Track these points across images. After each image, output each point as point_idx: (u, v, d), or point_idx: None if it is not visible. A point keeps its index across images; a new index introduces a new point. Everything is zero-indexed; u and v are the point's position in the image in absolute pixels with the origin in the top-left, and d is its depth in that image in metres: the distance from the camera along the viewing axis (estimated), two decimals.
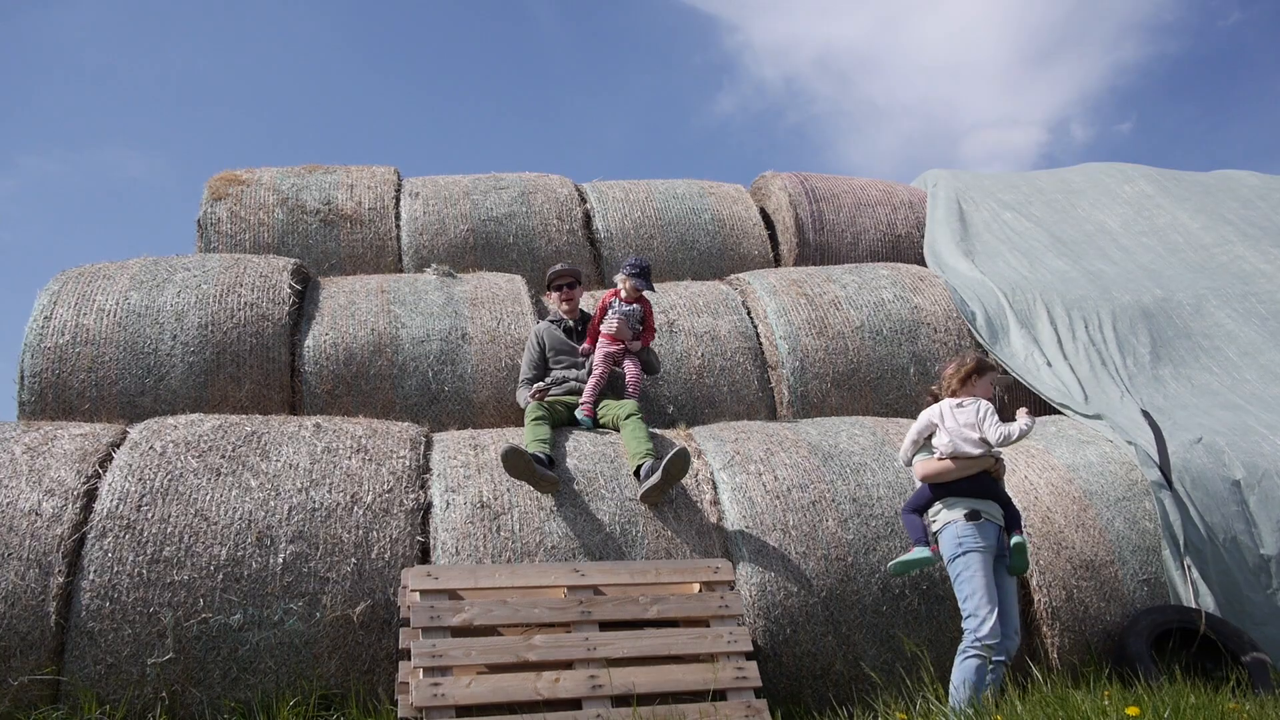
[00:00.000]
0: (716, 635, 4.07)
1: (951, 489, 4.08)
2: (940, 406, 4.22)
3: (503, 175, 8.09)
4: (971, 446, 4.08)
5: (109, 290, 5.82)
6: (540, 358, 5.53)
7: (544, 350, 5.55)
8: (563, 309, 5.67)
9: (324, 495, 4.36)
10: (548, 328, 5.64)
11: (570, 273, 5.73)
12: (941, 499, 4.10)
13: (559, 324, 5.67)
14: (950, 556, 3.99)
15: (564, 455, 4.77)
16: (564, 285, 5.67)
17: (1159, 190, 9.00)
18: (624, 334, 5.35)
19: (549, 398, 5.16)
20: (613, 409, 5.13)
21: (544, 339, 5.57)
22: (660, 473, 4.43)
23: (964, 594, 3.91)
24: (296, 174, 7.74)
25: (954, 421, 4.14)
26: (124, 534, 4.08)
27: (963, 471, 4.08)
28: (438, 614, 3.90)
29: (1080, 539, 4.86)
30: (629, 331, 5.37)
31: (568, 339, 5.57)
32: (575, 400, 5.24)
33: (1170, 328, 6.85)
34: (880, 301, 6.61)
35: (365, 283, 6.39)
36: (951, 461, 4.09)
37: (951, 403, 4.20)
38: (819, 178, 8.68)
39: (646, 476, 4.52)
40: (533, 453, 4.49)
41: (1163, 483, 5.05)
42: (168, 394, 5.50)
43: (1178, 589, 4.83)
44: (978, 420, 4.11)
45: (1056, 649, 4.63)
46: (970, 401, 4.19)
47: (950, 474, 4.09)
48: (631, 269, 5.47)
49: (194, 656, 3.96)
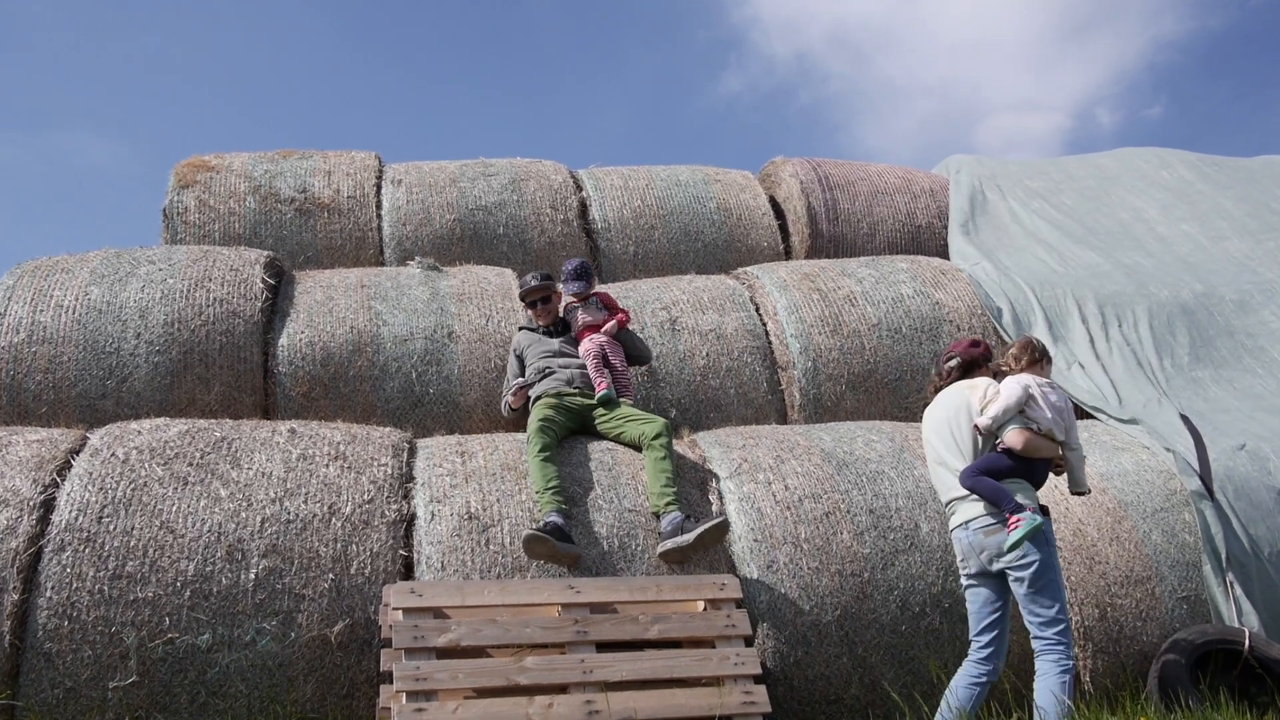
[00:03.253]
0: (723, 657, 4.07)
1: (1028, 474, 4.06)
2: (1031, 381, 4.15)
3: (492, 161, 8.09)
4: (1060, 433, 4.11)
5: (68, 285, 5.82)
6: (521, 370, 5.50)
7: (523, 360, 5.50)
8: (540, 322, 5.63)
9: (299, 506, 4.36)
10: (525, 334, 5.62)
11: (542, 289, 5.59)
12: (1016, 480, 4.03)
13: (536, 330, 5.64)
14: (1027, 552, 3.86)
15: (560, 463, 4.76)
16: (536, 302, 5.61)
17: (1199, 176, 9.00)
18: (595, 317, 5.47)
19: (543, 398, 5.11)
20: (633, 425, 4.97)
21: (522, 349, 5.54)
22: (693, 538, 4.37)
23: (1052, 596, 3.86)
24: (270, 160, 7.75)
25: (1047, 402, 4.12)
26: (84, 548, 4.08)
27: (1050, 453, 4.12)
28: (422, 634, 3.90)
29: (1115, 553, 4.87)
30: (599, 314, 5.49)
31: (547, 337, 5.52)
32: (572, 403, 5.14)
33: (1211, 326, 6.86)
34: (899, 297, 6.61)
35: (344, 277, 6.39)
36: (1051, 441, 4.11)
37: (1041, 381, 4.18)
38: (833, 163, 8.69)
39: (671, 533, 4.43)
40: (551, 522, 4.36)
41: (1203, 492, 5.06)
42: (131, 397, 5.50)
43: (1220, 607, 4.83)
44: (1067, 408, 4.16)
45: (1090, 672, 4.63)
46: (1058, 386, 4.25)
47: (1044, 454, 4.10)
48: (565, 277, 5.63)
49: (159, 680, 3.95)
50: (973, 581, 4.05)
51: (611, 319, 5.51)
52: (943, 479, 4.18)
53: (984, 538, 3.96)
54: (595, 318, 5.49)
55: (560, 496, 4.49)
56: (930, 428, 4.29)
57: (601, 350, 5.33)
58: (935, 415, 4.28)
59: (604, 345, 5.36)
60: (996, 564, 3.93)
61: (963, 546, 4.06)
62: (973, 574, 4.03)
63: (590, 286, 5.60)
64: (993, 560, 3.94)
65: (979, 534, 3.97)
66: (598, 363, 5.26)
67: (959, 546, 4.09)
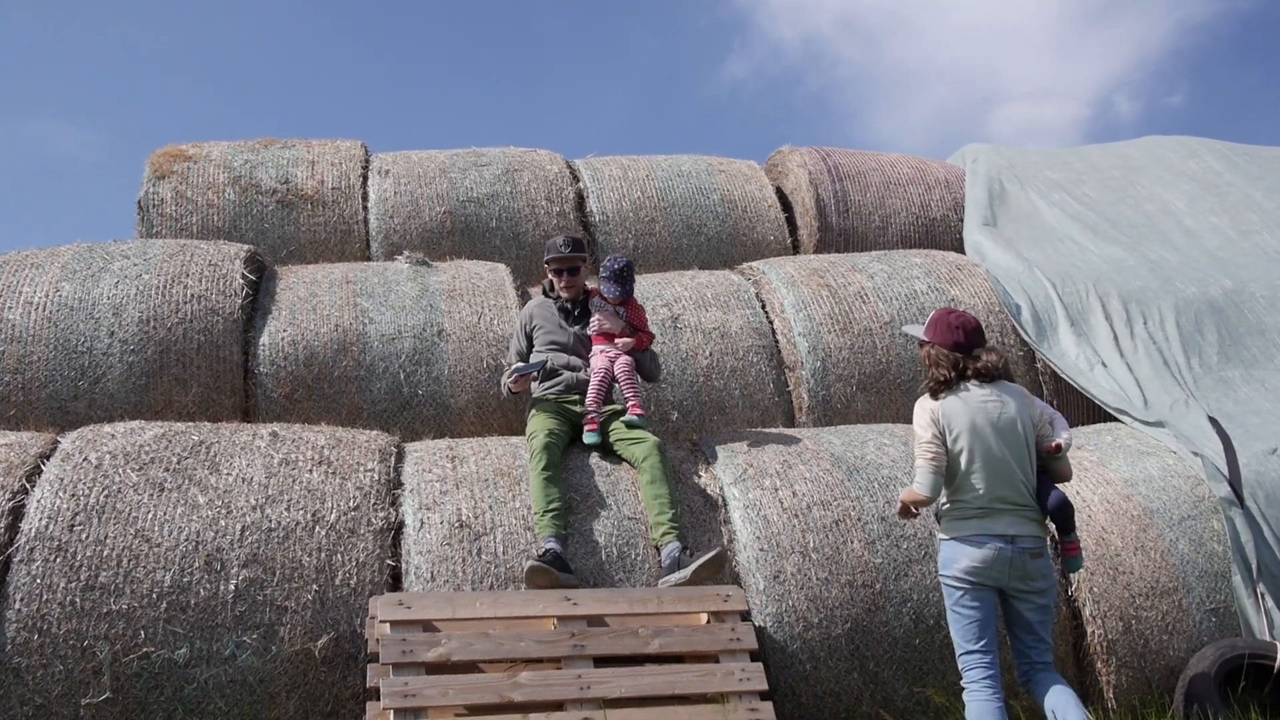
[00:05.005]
0: (727, 672, 4.07)
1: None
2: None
3: (484, 150, 8.09)
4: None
5: (37, 281, 5.81)
6: (529, 344, 5.28)
7: (531, 335, 5.26)
8: (563, 293, 5.32)
9: (281, 514, 4.36)
10: (540, 303, 5.36)
11: (573, 258, 5.30)
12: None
13: (555, 300, 5.36)
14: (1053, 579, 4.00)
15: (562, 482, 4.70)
16: (564, 271, 5.28)
17: (1228, 167, 9.00)
18: (613, 326, 5.14)
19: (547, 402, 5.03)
20: (627, 444, 4.89)
21: (533, 318, 5.28)
22: (689, 574, 4.35)
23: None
24: (250, 149, 7.74)
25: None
26: (54, 557, 4.07)
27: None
28: (410, 648, 3.89)
29: (1140, 563, 4.86)
30: (618, 323, 5.15)
31: (564, 322, 5.27)
32: (576, 410, 5.05)
33: (1241, 323, 6.85)
34: (913, 293, 6.61)
35: (328, 272, 6.39)
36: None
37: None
38: (843, 153, 8.69)
39: (669, 568, 4.41)
40: (551, 550, 4.32)
41: (1233, 499, 5.05)
42: (104, 398, 5.50)
43: (1250, 619, 4.82)
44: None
45: (1113, 687, 4.62)
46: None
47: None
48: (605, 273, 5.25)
49: (134, 696, 3.95)
50: (980, 590, 3.90)
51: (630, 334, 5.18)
52: (994, 480, 3.93)
53: (1029, 559, 3.89)
54: (614, 326, 5.16)
55: (560, 521, 4.45)
56: (986, 420, 3.98)
57: (632, 368, 5.08)
58: (994, 411, 4.00)
59: (630, 363, 5.09)
60: (1024, 585, 3.88)
61: (989, 558, 3.87)
62: (983, 584, 3.90)
63: (627, 296, 5.25)
64: (1023, 581, 3.88)
65: (1025, 554, 3.89)
66: (630, 380, 5.04)
67: (983, 555, 3.88)
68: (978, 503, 3.92)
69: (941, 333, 4.08)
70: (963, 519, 3.95)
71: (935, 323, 4.13)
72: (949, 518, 4.00)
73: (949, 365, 4.03)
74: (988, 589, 3.90)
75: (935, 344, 4.07)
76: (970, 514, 3.94)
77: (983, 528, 3.91)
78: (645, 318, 5.35)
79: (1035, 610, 3.90)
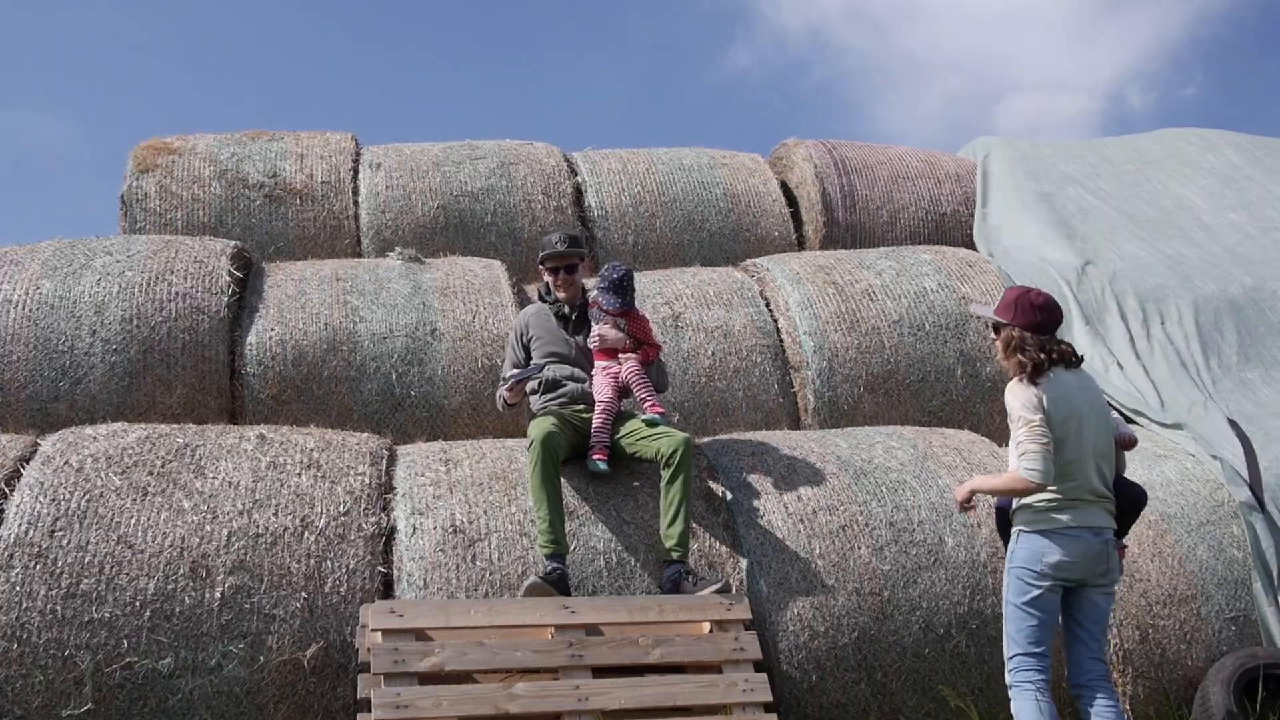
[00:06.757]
0: (730, 683, 4.07)
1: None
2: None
3: (479, 143, 8.10)
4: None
5: (16, 278, 5.82)
6: (526, 356, 5.11)
7: (527, 346, 5.09)
8: (560, 294, 5.14)
9: (269, 519, 4.36)
10: (537, 311, 5.18)
11: (570, 254, 5.10)
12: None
13: (553, 306, 5.17)
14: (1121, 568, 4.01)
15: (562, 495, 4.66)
16: (560, 269, 5.09)
17: (1248, 161, 9.00)
18: (614, 340, 4.96)
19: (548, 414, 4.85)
20: (650, 440, 4.71)
21: (530, 327, 5.11)
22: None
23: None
24: (237, 141, 7.75)
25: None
26: (34, 564, 4.08)
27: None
28: (403, 657, 3.90)
29: (1157, 570, 4.87)
30: (620, 337, 4.96)
31: (563, 329, 5.10)
32: (579, 420, 4.87)
33: (1262, 322, 6.86)
34: (922, 291, 6.62)
35: (318, 269, 6.40)
36: None
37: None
38: (850, 146, 8.70)
39: (669, 592, 4.39)
40: (555, 569, 4.30)
41: (1253, 504, 5.06)
42: (86, 399, 5.50)
43: (1270, 628, 4.84)
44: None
45: (1129, 699, 4.63)
46: None
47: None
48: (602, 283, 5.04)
49: (117, 708, 3.95)
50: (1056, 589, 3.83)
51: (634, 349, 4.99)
52: (1090, 470, 3.86)
53: (1112, 551, 3.88)
54: (615, 341, 4.94)
55: (561, 536, 4.41)
56: (1085, 408, 3.90)
57: (641, 369, 4.93)
58: (1088, 398, 3.94)
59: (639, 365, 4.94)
60: (1104, 578, 3.87)
61: (1081, 552, 3.80)
62: (1064, 581, 3.82)
63: (628, 307, 5.02)
64: (1105, 575, 3.87)
65: (1109, 545, 3.86)
66: (642, 380, 4.89)
67: (1077, 550, 3.80)
68: (1073, 494, 3.82)
69: (1025, 314, 3.92)
70: (1056, 510, 3.82)
71: (1014, 304, 3.96)
72: (1033, 509, 3.85)
73: (1038, 347, 3.89)
74: (1061, 587, 3.83)
75: (1017, 326, 3.93)
76: (1065, 505, 3.82)
77: (1078, 519, 3.81)
78: (649, 329, 5.11)
79: (1105, 596, 3.88)
